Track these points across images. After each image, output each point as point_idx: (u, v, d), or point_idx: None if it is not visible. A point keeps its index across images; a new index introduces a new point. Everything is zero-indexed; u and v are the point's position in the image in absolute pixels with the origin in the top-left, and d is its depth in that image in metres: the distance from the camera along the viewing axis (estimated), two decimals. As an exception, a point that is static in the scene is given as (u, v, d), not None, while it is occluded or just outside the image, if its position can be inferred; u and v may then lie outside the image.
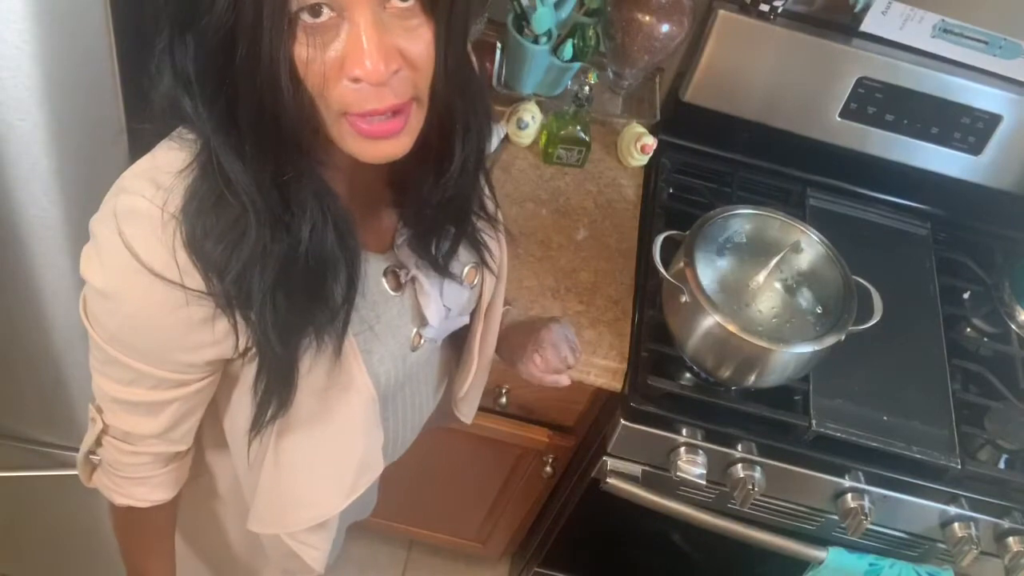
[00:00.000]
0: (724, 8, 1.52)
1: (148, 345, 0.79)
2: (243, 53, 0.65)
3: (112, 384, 0.83)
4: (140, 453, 0.90)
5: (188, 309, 0.75)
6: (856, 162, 1.65)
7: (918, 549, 1.45)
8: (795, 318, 1.34)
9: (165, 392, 0.84)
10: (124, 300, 0.76)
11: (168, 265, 0.73)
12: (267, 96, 0.67)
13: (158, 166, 0.75)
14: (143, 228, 0.73)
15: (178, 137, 0.76)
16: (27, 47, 0.84)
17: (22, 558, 1.71)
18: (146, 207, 0.73)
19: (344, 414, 0.92)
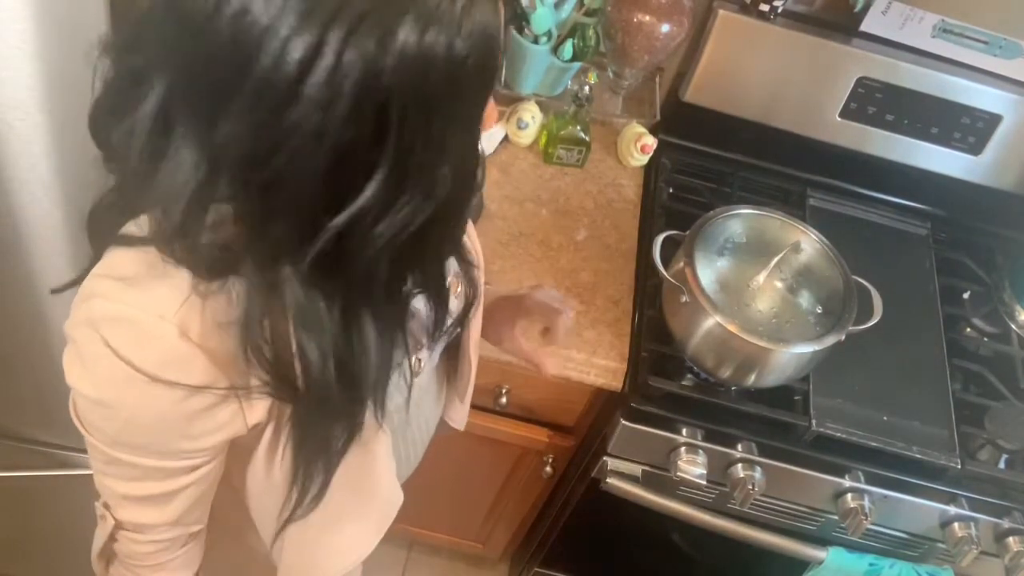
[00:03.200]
0: (724, 8, 1.52)
1: (152, 441, 0.77)
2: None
3: (117, 482, 0.81)
4: (156, 541, 0.87)
5: (190, 402, 0.73)
6: (856, 162, 1.65)
7: (918, 549, 1.45)
8: (795, 318, 1.34)
9: (174, 481, 0.81)
10: (122, 407, 0.73)
11: (165, 366, 0.70)
12: None
13: (122, 262, 0.72)
14: (130, 334, 0.70)
15: (140, 240, 0.71)
16: (27, 47, 0.84)
17: (22, 558, 1.71)
18: (127, 312, 0.70)
19: (367, 464, 0.91)
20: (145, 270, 0.70)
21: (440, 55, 0.59)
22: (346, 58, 0.57)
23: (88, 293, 0.73)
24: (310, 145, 0.59)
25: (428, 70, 0.59)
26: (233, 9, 0.57)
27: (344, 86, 0.57)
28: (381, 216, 0.63)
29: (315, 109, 0.58)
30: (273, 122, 0.59)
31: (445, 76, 0.59)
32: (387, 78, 0.58)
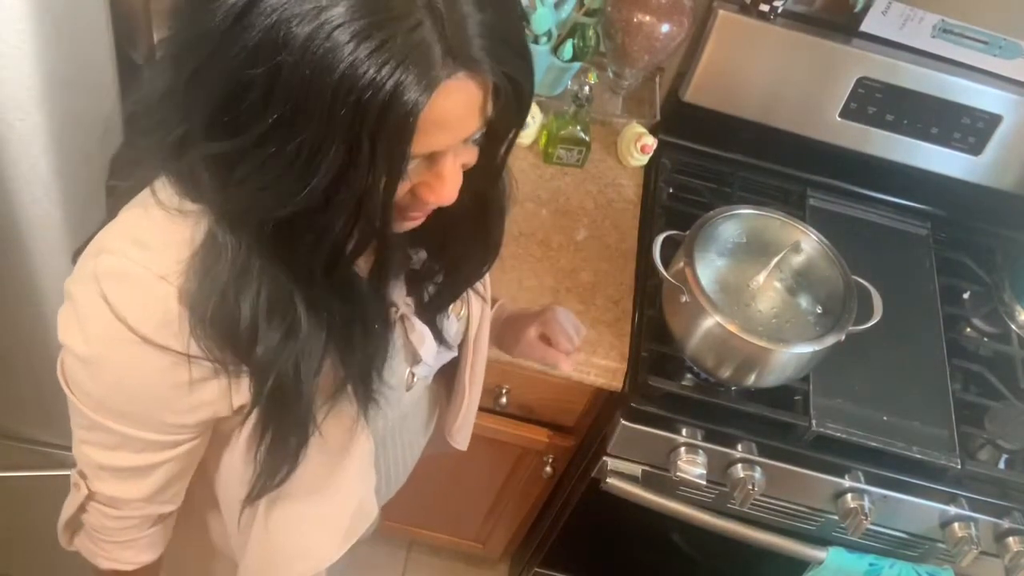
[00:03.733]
0: (724, 8, 1.52)
1: (136, 409, 0.77)
2: (342, 196, 0.62)
3: (97, 450, 0.81)
4: (127, 517, 0.87)
5: (179, 371, 0.73)
6: (856, 162, 1.65)
7: (918, 549, 1.45)
8: (795, 318, 1.34)
9: (153, 455, 0.81)
10: (110, 366, 0.73)
11: (159, 328, 0.70)
12: (340, 221, 0.65)
13: (139, 225, 0.73)
14: (130, 291, 0.70)
15: (158, 203, 0.72)
16: (27, 47, 0.84)
17: (22, 558, 1.71)
18: (132, 269, 0.70)
19: (343, 469, 0.90)
20: (154, 232, 0.71)
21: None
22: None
23: (97, 248, 0.74)
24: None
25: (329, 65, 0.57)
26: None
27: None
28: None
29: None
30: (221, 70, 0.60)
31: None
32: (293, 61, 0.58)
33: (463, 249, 0.86)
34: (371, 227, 0.65)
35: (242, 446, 0.83)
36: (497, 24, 0.61)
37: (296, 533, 0.93)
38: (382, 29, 0.56)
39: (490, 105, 0.65)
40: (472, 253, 0.87)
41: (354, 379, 0.80)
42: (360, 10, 0.56)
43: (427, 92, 0.59)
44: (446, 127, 0.64)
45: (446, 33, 0.59)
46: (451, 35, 0.59)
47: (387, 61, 0.57)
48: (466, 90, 0.62)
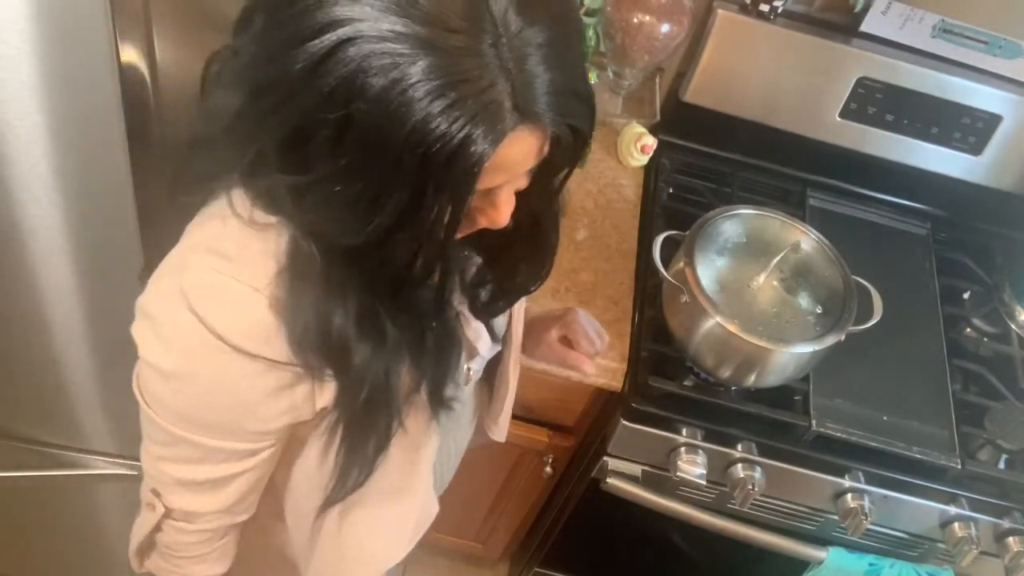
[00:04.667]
0: (724, 8, 1.52)
1: (221, 419, 0.77)
2: (404, 233, 0.65)
3: (176, 465, 0.81)
4: (203, 530, 0.87)
5: (267, 377, 0.74)
6: (856, 162, 1.65)
7: (918, 549, 1.45)
8: (795, 318, 1.34)
9: (235, 464, 0.81)
10: (199, 378, 0.74)
11: (249, 337, 0.72)
12: (409, 250, 0.67)
13: (220, 238, 0.74)
14: (220, 302, 0.71)
15: (236, 215, 0.73)
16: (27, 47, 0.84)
17: (22, 558, 1.71)
18: (220, 280, 0.71)
19: (414, 471, 0.91)
20: (236, 243, 0.72)
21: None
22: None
23: (178, 264, 0.75)
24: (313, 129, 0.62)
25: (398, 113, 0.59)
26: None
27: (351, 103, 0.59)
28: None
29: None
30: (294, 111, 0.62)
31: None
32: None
33: (518, 260, 0.88)
34: (433, 257, 0.69)
35: (316, 451, 0.84)
36: (563, 79, 0.63)
37: (368, 537, 0.95)
38: (456, 88, 0.58)
39: (547, 147, 0.67)
40: (527, 264, 0.89)
41: (429, 384, 0.82)
42: (437, 69, 0.58)
43: (493, 145, 0.61)
44: (505, 170, 0.66)
45: (515, 91, 0.61)
46: (520, 93, 0.61)
47: (458, 117, 0.59)
48: (528, 140, 0.65)
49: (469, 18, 0.59)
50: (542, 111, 0.63)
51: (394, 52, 0.58)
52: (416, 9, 0.58)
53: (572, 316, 1.15)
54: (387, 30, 0.58)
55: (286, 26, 0.61)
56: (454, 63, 0.58)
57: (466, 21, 0.59)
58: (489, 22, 0.60)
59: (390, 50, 0.58)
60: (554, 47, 0.62)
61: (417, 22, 0.58)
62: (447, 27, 0.58)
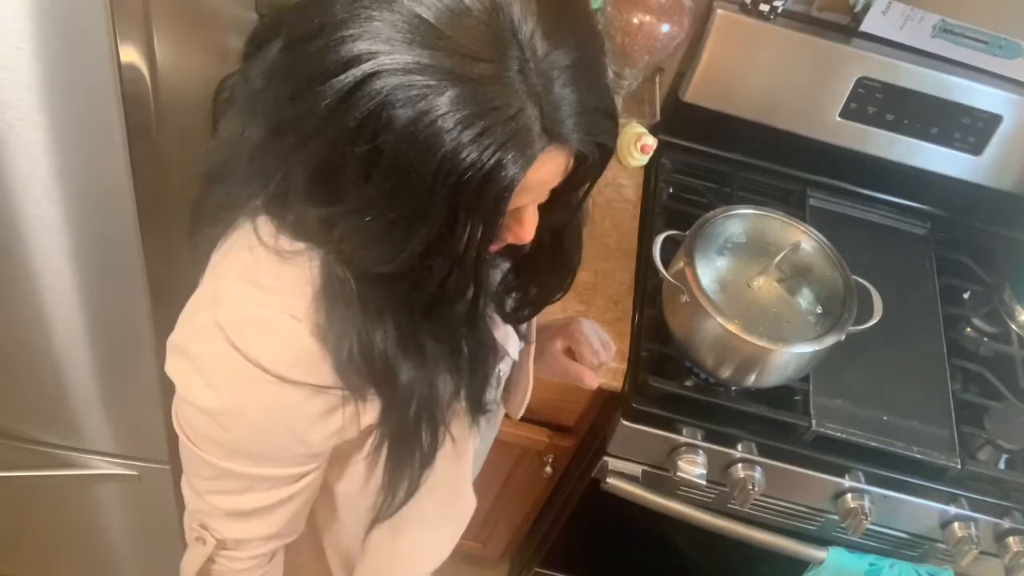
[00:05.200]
0: (724, 8, 1.52)
1: (271, 448, 0.77)
2: (437, 258, 0.65)
3: (224, 497, 0.81)
4: (254, 556, 0.87)
5: (313, 403, 0.74)
6: (856, 162, 1.65)
7: (918, 549, 1.45)
8: (795, 318, 1.34)
9: (283, 490, 0.82)
10: (246, 413, 0.74)
11: (295, 365, 0.72)
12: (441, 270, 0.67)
13: (251, 268, 0.73)
14: (262, 334, 0.71)
15: (263, 244, 0.73)
16: (27, 47, 0.84)
17: (22, 558, 1.71)
18: (259, 312, 0.71)
19: (458, 474, 0.92)
20: (269, 273, 0.72)
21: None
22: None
23: (212, 298, 0.74)
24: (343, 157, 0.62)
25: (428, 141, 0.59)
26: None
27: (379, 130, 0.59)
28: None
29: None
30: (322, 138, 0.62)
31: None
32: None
33: (542, 271, 0.88)
34: (467, 275, 0.69)
35: (361, 471, 0.85)
36: (589, 99, 0.64)
37: (418, 544, 0.96)
38: (485, 117, 0.58)
39: (571, 163, 0.68)
40: (550, 275, 0.89)
41: (468, 392, 0.82)
42: (464, 99, 0.58)
43: (524, 169, 0.61)
44: (534, 190, 0.67)
45: (544, 115, 0.61)
46: (548, 116, 0.61)
47: (488, 145, 0.58)
48: (556, 160, 0.65)
49: (495, 46, 0.59)
50: (570, 132, 0.62)
51: (420, 84, 0.57)
52: (441, 40, 0.58)
53: (576, 327, 1.15)
54: (412, 62, 0.57)
55: (309, 62, 0.61)
56: (482, 92, 0.58)
57: (492, 49, 0.58)
58: (515, 48, 0.59)
59: (416, 82, 0.57)
60: (580, 68, 0.63)
61: (442, 53, 0.58)
62: (473, 56, 0.58)
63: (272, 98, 0.66)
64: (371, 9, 0.58)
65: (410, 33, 0.58)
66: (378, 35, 0.58)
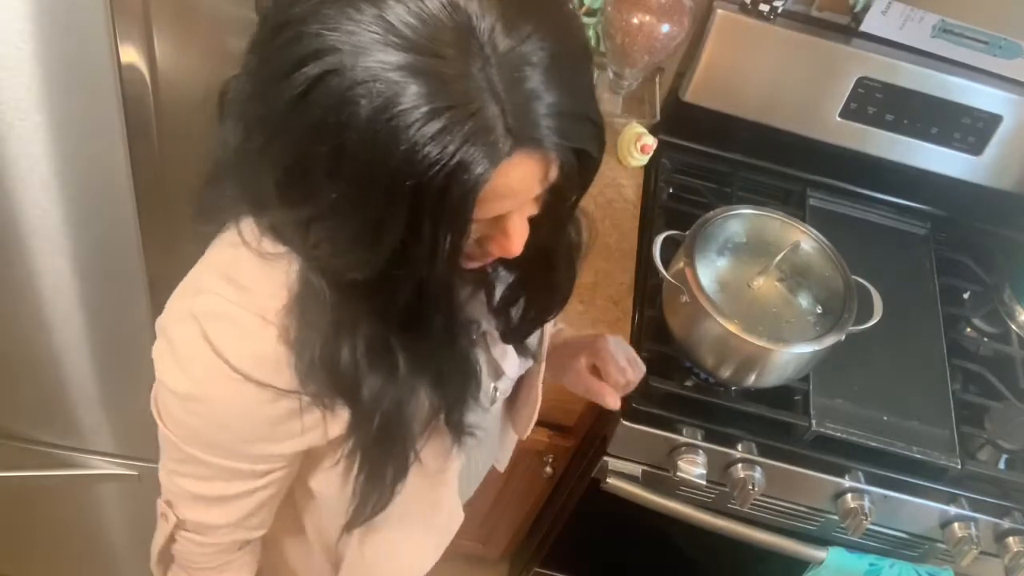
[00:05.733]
0: (724, 8, 1.52)
1: (232, 441, 0.78)
2: (408, 263, 0.63)
3: (189, 480, 0.82)
4: (216, 543, 0.88)
5: (276, 405, 0.75)
6: (856, 162, 1.65)
7: (918, 549, 1.45)
8: (795, 318, 1.34)
9: (245, 483, 0.82)
10: (210, 402, 0.75)
11: (259, 366, 0.72)
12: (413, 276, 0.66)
13: (232, 266, 0.74)
14: (231, 331, 0.72)
15: (246, 244, 0.73)
16: (27, 47, 0.84)
17: (22, 558, 1.71)
18: (232, 310, 0.72)
19: (438, 492, 0.92)
20: (249, 273, 0.73)
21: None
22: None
23: (194, 288, 0.76)
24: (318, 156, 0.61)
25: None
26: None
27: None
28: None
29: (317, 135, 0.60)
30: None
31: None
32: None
33: (535, 288, 0.87)
34: (439, 287, 0.68)
35: (336, 476, 0.85)
36: (565, 100, 0.61)
37: (392, 554, 0.96)
38: (444, 114, 0.57)
39: (554, 172, 0.65)
40: (544, 293, 0.88)
41: (448, 411, 0.82)
42: (425, 96, 0.57)
43: (488, 171, 0.59)
44: (508, 197, 0.64)
45: (508, 114, 0.59)
46: (514, 116, 0.59)
47: (448, 143, 0.57)
48: (527, 165, 0.62)
49: (456, 42, 0.57)
50: (541, 135, 0.60)
51: (381, 80, 0.56)
52: (400, 37, 0.57)
53: (602, 343, 1.11)
54: (372, 60, 0.57)
55: (271, 61, 0.61)
56: (442, 89, 0.57)
57: (452, 46, 0.57)
58: (476, 45, 0.58)
59: (377, 77, 0.56)
60: (552, 66, 0.60)
61: (402, 49, 0.57)
62: (434, 53, 0.57)
63: (244, 100, 0.66)
64: (332, 8, 0.58)
65: (371, 31, 0.57)
66: (337, 31, 0.57)
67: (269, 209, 0.69)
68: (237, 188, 0.72)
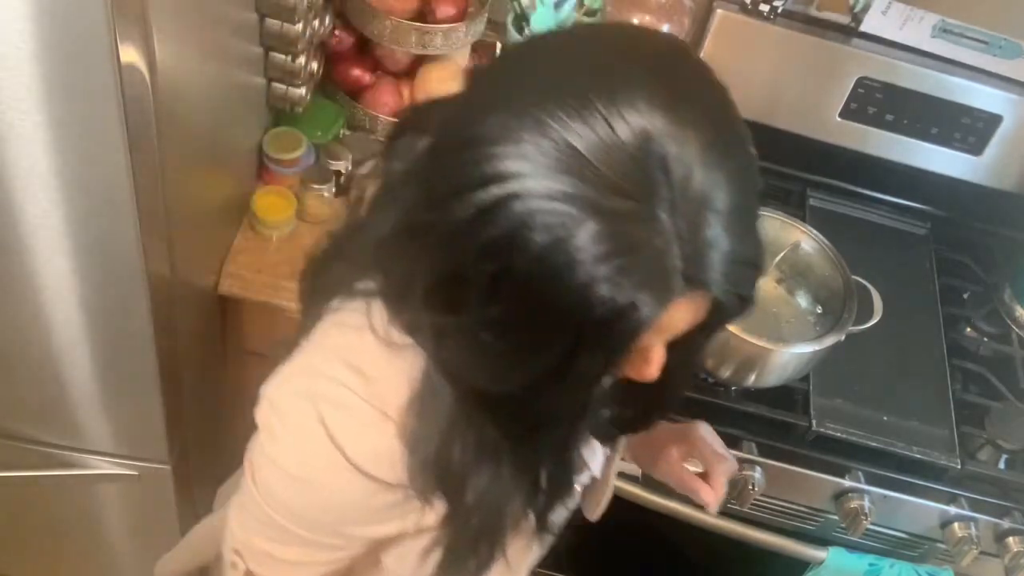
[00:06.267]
0: (724, 8, 1.52)
1: (325, 521, 0.77)
2: (548, 387, 0.62)
3: (266, 541, 0.80)
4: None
5: (381, 496, 0.74)
6: (856, 162, 1.65)
7: (918, 549, 1.45)
8: (795, 318, 1.34)
9: (324, 554, 0.81)
10: (318, 488, 0.73)
11: (374, 461, 0.71)
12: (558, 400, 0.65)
13: (356, 352, 0.72)
14: (351, 423, 0.71)
15: (372, 330, 0.72)
16: (27, 47, 0.84)
17: (22, 558, 1.71)
18: (354, 402, 0.71)
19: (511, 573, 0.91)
20: (372, 362, 0.72)
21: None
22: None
23: (313, 368, 0.74)
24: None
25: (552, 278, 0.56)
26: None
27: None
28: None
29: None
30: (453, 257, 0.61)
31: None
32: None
33: (643, 398, 0.84)
34: (570, 410, 0.67)
35: (413, 556, 0.84)
36: (740, 248, 0.60)
37: None
38: (624, 255, 0.55)
39: (707, 307, 0.64)
40: (650, 403, 0.86)
41: (539, 514, 0.81)
42: (604, 234, 0.55)
43: (658, 313, 0.58)
44: (663, 332, 0.64)
45: (687, 258, 0.57)
46: (692, 260, 0.57)
47: (624, 285, 0.56)
48: (690, 307, 0.61)
49: (644, 183, 0.56)
50: (713, 281, 0.59)
51: (561, 212, 0.55)
52: (588, 170, 0.55)
53: (696, 434, 1.08)
54: (556, 189, 0.55)
55: (451, 173, 0.59)
56: (624, 228, 0.55)
57: (641, 186, 0.56)
58: (665, 188, 0.56)
59: (556, 210, 0.55)
60: (734, 213, 0.59)
61: (587, 183, 0.55)
62: (620, 191, 0.55)
63: (410, 197, 0.65)
64: (523, 131, 0.56)
65: (558, 160, 0.55)
66: (525, 157, 0.56)
67: (410, 308, 0.68)
68: (378, 277, 0.71)
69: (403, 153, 0.69)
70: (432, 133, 0.65)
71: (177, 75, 0.99)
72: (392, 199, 0.69)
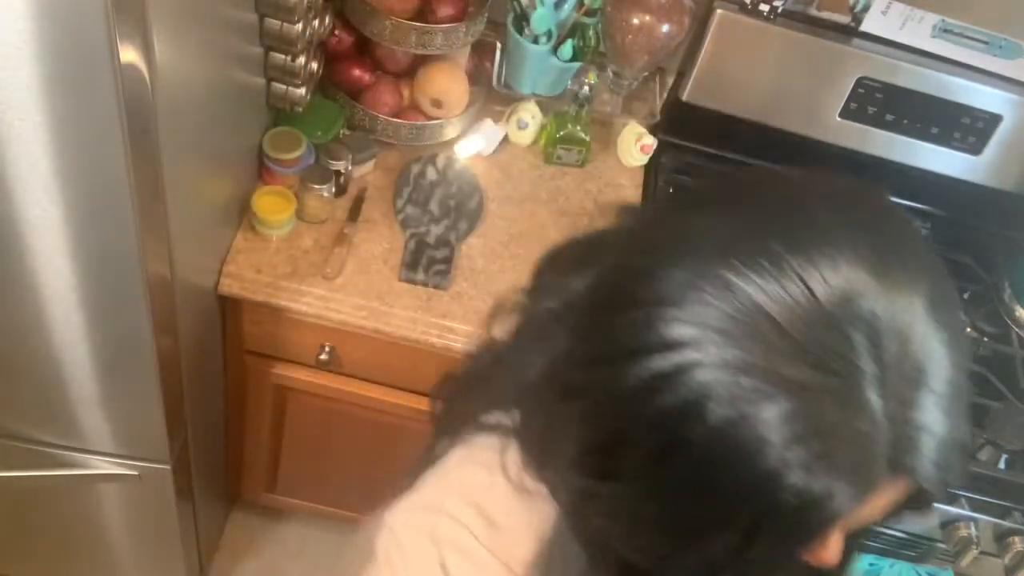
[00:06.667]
0: (724, 8, 1.52)
1: None
2: (699, 563, 0.56)
3: None
4: None
5: None
6: (856, 162, 1.65)
7: (918, 549, 1.45)
8: (795, 318, 1.34)
9: None
10: None
11: None
12: None
13: (485, 494, 0.68)
14: (473, 572, 0.66)
15: (504, 471, 0.67)
16: (27, 47, 0.84)
17: (22, 558, 1.71)
18: (478, 551, 0.66)
19: None
20: (501, 508, 0.67)
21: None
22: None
23: (438, 506, 0.70)
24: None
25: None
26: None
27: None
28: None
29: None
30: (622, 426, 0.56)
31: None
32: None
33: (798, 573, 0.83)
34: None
35: None
36: (952, 432, 0.52)
37: None
38: (823, 439, 0.49)
39: (907, 492, 0.56)
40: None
41: None
42: (799, 415, 0.49)
43: (855, 504, 0.51)
44: (856, 521, 0.55)
45: (894, 444, 0.51)
46: (899, 447, 0.51)
47: (819, 473, 0.49)
48: (892, 493, 0.54)
49: (845, 354, 0.49)
50: (920, 468, 0.52)
51: (747, 386, 0.49)
52: (782, 340, 0.49)
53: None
54: (742, 360, 0.49)
55: (620, 333, 0.54)
56: (822, 409, 0.49)
57: (840, 358, 0.49)
58: (872, 360, 0.49)
59: (743, 383, 0.49)
60: (951, 390, 0.52)
61: (781, 355, 0.49)
62: (819, 366, 0.49)
63: (561, 345, 0.60)
64: (706, 291, 0.51)
65: (746, 326, 0.50)
66: (708, 322, 0.50)
67: (554, 466, 0.63)
68: (517, 416, 0.67)
69: (555, 290, 0.65)
70: (593, 275, 0.60)
71: (177, 75, 0.99)
72: (539, 338, 0.64)
